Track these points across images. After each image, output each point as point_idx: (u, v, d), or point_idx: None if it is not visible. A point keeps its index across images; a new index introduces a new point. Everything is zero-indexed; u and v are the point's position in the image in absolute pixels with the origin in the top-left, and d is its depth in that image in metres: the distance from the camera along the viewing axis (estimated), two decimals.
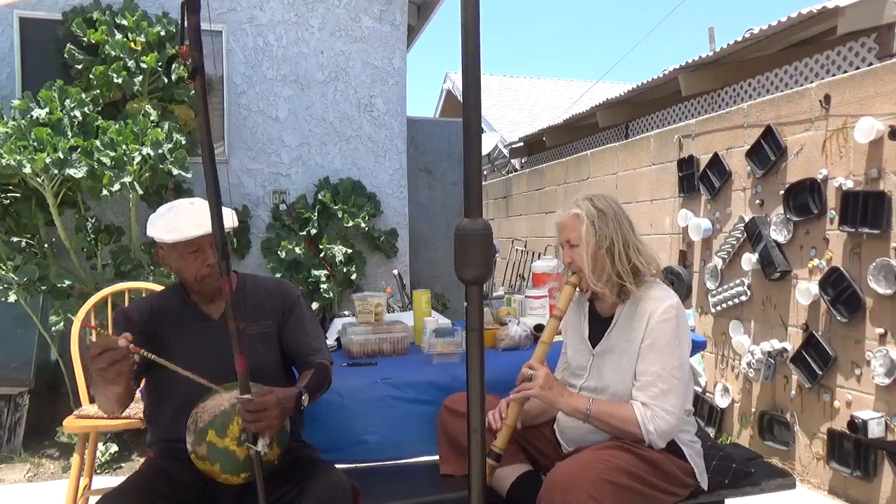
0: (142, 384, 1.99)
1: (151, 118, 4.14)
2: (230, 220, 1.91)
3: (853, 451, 3.04)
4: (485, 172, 10.93)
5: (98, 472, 3.49)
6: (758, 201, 3.70)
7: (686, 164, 4.28)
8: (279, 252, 4.86)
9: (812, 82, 3.55)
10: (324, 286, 4.84)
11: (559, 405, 1.87)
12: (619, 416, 1.81)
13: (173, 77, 4.24)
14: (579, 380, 1.98)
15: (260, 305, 2.00)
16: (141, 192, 3.97)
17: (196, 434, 1.67)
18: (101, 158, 3.77)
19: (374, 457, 2.29)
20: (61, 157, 3.66)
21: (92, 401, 2.79)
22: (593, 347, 1.97)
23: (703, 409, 4.12)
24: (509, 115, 11.92)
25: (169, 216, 1.84)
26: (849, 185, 3.11)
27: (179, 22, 1.36)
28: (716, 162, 4.00)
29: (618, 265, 1.86)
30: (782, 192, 3.47)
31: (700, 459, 1.92)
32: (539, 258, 5.72)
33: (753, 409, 3.75)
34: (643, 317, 1.84)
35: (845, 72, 4.14)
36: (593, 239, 1.86)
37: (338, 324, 2.84)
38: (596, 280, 1.89)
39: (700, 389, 4.14)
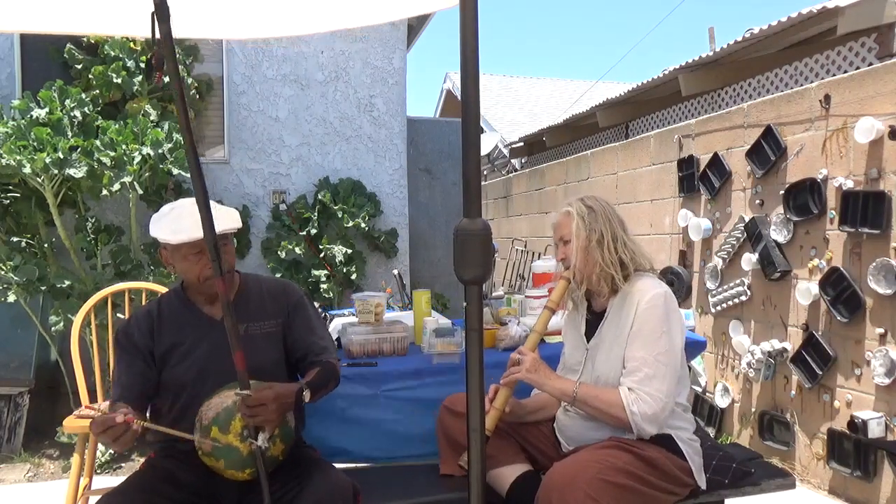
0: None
1: (151, 118, 4.14)
2: (234, 220, 1.91)
3: (853, 451, 3.04)
4: (485, 172, 10.93)
5: (98, 472, 3.49)
6: (758, 201, 3.70)
7: (686, 164, 4.28)
8: (279, 252, 4.86)
9: (812, 82, 3.55)
10: (324, 286, 4.84)
11: (546, 388, 1.92)
12: (605, 400, 1.84)
13: (165, 79, 4.24)
14: (575, 375, 2.00)
15: (263, 305, 2.00)
16: (141, 192, 3.97)
17: (201, 430, 1.69)
18: (101, 158, 3.77)
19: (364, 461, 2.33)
20: (61, 157, 3.67)
21: (92, 401, 2.80)
22: (588, 342, 2.00)
23: (703, 409, 4.12)
24: (509, 115, 11.92)
25: (172, 216, 1.84)
26: (849, 185, 3.11)
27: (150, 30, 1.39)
28: (716, 162, 4.00)
29: (608, 257, 1.92)
30: (782, 192, 3.47)
31: (698, 458, 1.93)
32: (539, 258, 5.72)
33: (753, 409, 3.75)
34: (632, 306, 1.88)
35: (845, 72, 4.14)
36: (584, 233, 1.94)
37: (338, 324, 2.84)
38: (588, 273, 1.95)
39: (700, 389, 4.14)
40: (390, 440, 2.34)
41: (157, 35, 1.35)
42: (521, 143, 9.79)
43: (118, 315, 3.39)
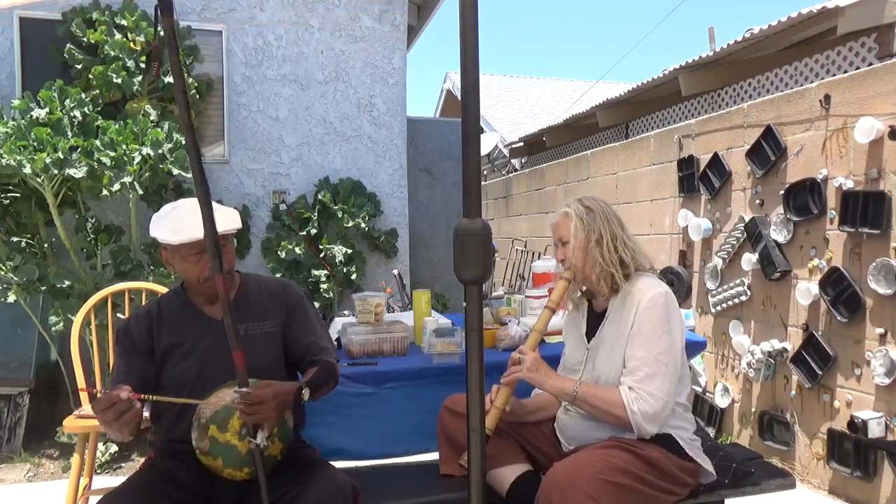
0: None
1: (151, 118, 4.13)
2: (234, 221, 1.91)
3: (853, 451, 3.04)
4: (485, 172, 10.93)
5: (98, 472, 3.49)
6: (758, 201, 3.70)
7: (686, 164, 4.28)
8: (279, 252, 4.86)
9: (812, 82, 3.55)
10: (324, 286, 4.83)
11: (546, 387, 1.93)
12: (606, 399, 1.84)
13: (165, 79, 4.25)
14: (576, 375, 2.01)
15: (263, 305, 2.00)
16: (141, 192, 3.96)
17: (199, 429, 1.68)
18: (101, 158, 3.77)
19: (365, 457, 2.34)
20: (61, 157, 3.66)
21: (92, 401, 2.80)
22: (588, 342, 2.00)
23: (703, 409, 4.12)
24: (509, 115, 11.92)
25: (172, 216, 1.84)
26: (849, 185, 3.11)
27: (153, 24, 1.39)
28: (716, 162, 4.00)
29: (607, 256, 1.93)
30: (782, 192, 3.47)
31: (702, 453, 1.93)
32: (539, 258, 5.72)
33: (753, 409, 3.75)
34: (632, 306, 1.88)
35: (845, 72, 4.14)
36: (582, 233, 1.95)
37: (338, 324, 2.84)
38: (588, 273, 1.95)
39: (700, 389, 4.14)
40: (389, 439, 2.35)
41: (160, 29, 1.34)
42: (521, 143, 9.79)
43: (118, 315, 3.39)
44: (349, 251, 4.94)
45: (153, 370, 1.89)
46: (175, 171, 4.02)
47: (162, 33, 1.28)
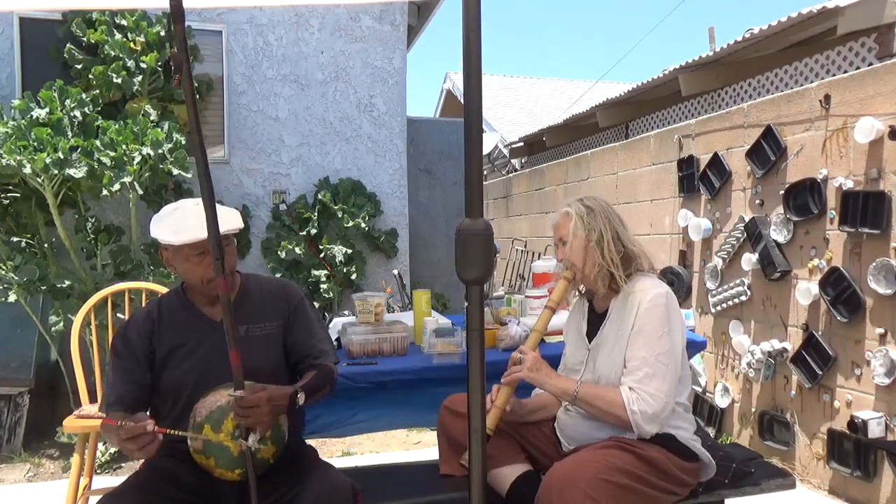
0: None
1: (151, 118, 4.14)
2: (236, 221, 1.91)
3: (853, 451, 3.04)
4: (485, 172, 10.93)
5: (98, 472, 3.49)
6: (758, 201, 3.70)
7: (686, 164, 4.28)
8: (279, 252, 4.86)
9: (812, 82, 3.55)
10: (324, 286, 4.84)
11: (546, 387, 1.93)
12: (606, 399, 1.84)
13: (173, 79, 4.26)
14: (576, 375, 2.00)
15: (264, 307, 1.99)
16: (141, 192, 3.97)
17: (193, 428, 1.68)
18: (101, 158, 3.77)
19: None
20: (61, 157, 3.66)
21: (92, 401, 2.80)
22: (589, 342, 2.00)
23: (703, 409, 4.12)
24: (509, 115, 11.92)
25: (174, 217, 1.83)
26: (849, 185, 3.11)
27: (166, 29, 1.41)
28: (716, 162, 4.00)
29: (607, 256, 1.92)
30: (782, 192, 3.47)
31: (704, 450, 1.93)
32: (539, 258, 5.72)
33: (753, 409, 3.75)
34: (633, 306, 1.88)
35: (845, 72, 4.14)
36: (583, 233, 1.94)
37: (338, 324, 2.84)
38: (588, 272, 1.95)
39: (700, 389, 4.14)
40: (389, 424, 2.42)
41: (173, 34, 1.35)
42: (521, 143, 9.79)
43: (118, 315, 3.39)
44: (349, 251, 4.94)
45: (150, 377, 1.88)
46: (175, 171, 4.02)
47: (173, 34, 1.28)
